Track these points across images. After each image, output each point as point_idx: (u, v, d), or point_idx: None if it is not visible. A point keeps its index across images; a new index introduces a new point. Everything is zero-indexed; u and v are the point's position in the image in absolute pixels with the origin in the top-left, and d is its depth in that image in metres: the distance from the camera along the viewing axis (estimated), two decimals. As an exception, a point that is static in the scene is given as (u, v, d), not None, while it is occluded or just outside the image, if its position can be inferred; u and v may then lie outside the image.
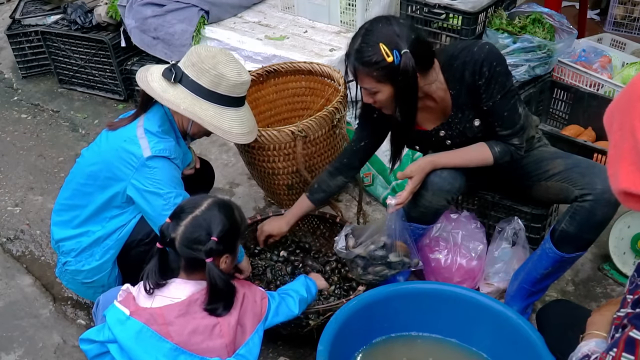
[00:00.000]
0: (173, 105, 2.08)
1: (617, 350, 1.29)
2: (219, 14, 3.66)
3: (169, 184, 2.06)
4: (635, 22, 4.17)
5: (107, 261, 2.19)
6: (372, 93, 1.99)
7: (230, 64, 2.13)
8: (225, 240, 1.76)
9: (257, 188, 3.06)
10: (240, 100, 2.20)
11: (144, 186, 2.05)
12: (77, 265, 2.21)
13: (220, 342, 1.74)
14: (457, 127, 2.12)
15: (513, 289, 2.28)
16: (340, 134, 2.63)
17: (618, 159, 1.15)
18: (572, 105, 3.15)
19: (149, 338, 1.67)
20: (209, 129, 2.12)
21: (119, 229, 2.17)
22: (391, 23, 1.91)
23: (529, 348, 1.81)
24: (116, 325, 1.69)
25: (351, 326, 1.93)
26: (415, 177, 2.09)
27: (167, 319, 1.70)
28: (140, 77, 2.15)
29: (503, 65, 2.01)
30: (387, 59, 1.87)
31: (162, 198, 2.04)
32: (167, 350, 1.67)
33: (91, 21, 3.84)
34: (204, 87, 2.09)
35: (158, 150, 2.05)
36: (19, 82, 4.24)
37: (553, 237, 2.08)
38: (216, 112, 2.12)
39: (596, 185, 1.97)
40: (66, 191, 2.26)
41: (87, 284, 2.25)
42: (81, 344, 1.78)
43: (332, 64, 3.03)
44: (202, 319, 1.72)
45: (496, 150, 2.08)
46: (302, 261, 2.48)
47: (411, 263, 2.19)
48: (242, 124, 2.20)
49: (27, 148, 3.56)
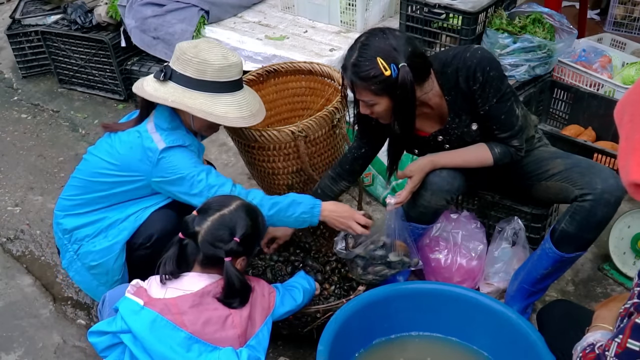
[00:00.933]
0: (162, 100, 2.10)
1: (622, 337, 1.29)
2: (219, 14, 3.66)
3: (187, 166, 2.08)
4: (635, 22, 4.17)
5: (118, 242, 2.18)
6: (369, 105, 1.99)
7: (213, 49, 2.13)
8: (245, 243, 1.82)
9: (257, 188, 3.06)
10: (235, 84, 2.19)
11: (166, 177, 2.08)
12: (90, 246, 2.21)
13: (232, 333, 1.76)
14: (454, 132, 2.13)
15: (513, 289, 2.28)
16: (340, 134, 2.63)
17: (630, 151, 1.14)
18: (572, 105, 3.15)
19: (163, 327, 1.69)
20: (199, 116, 2.11)
21: (138, 212, 2.18)
22: (387, 37, 1.91)
23: (529, 348, 1.81)
24: (130, 316, 1.71)
25: (351, 326, 1.93)
26: (415, 177, 2.09)
27: (181, 308, 1.72)
28: (137, 84, 2.20)
29: (497, 69, 2.00)
30: (385, 72, 1.87)
31: (185, 180, 2.07)
32: (182, 339, 1.69)
33: (91, 21, 3.84)
34: (191, 77, 2.10)
35: (171, 140, 2.09)
36: (19, 82, 4.24)
37: (553, 237, 2.08)
38: (207, 99, 2.12)
39: (596, 185, 1.97)
40: (75, 188, 2.24)
41: (93, 269, 2.23)
42: (90, 337, 1.79)
43: (332, 64, 3.03)
44: (215, 310, 1.75)
45: (496, 151, 2.08)
46: (302, 261, 2.48)
47: (411, 263, 2.19)
48: (240, 108, 2.19)
49: (27, 148, 3.56)
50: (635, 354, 1.26)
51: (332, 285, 2.36)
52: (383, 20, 3.49)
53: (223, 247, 1.78)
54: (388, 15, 3.52)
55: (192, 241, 1.81)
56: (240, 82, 2.22)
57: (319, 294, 2.34)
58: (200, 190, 2.08)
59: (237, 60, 2.19)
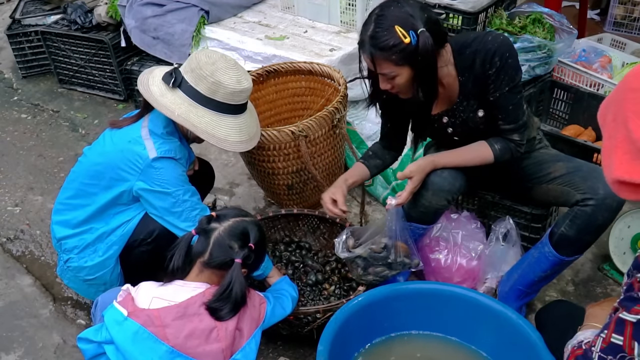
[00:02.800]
0: (168, 112, 2.08)
1: (607, 332, 1.31)
2: (219, 14, 3.65)
3: (175, 183, 2.07)
4: (635, 22, 4.17)
5: (110, 257, 2.18)
6: (390, 78, 1.95)
7: (229, 71, 2.11)
8: (255, 254, 1.86)
9: (257, 188, 3.06)
10: (240, 107, 2.20)
11: (151, 186, 2.06)
12: (80, 262, 2.21)
13: (216, 347, 1.73)
14: (460, 115, 2.11)
15: (505, 290, 2.27)
16: (340, 134, 2.63)
17: (612, 149, 1.17)
18: (572, 105, 3.15)
19: (145, 340, 1.67)
20: (202, 137, 2.11)
21: (123, 224, 2.17)
22: (402, 5, 1.88)
23: (529, 348, 1.81)
24: (114, 326, 1.70)
25: (351, 326, 1.93)
26: (415, 177, 2.09)
27: (164, 321, 1.70)
28: (142, 79, 2.16)
29: (515, 58, 1.99)
30: (405, 40, 1.84)
31: (171, 196, 2.06)
32: (163, 353, 1.67)
33: (91, 21, 3.84)
34: (201, 93, 2.09)
35: (163, 151, 2.06)
36: (19, 82, 4.24)
37: (552, 240, 2.07)
38: (212, 119, 2.11)
39: (598, 190, 1.95)
40: (68, 190, 2.25)
41: (89, 281, 2.24)
42: (79, 343, 1.78)
43: (332, 64, 3.03)
44: (199, 323, 1.72)
45: (496, 147, 2.08)
46: (302, 261, 2.49)
47: (411, 264, 2.19)
48: (240, 132, 2.19)
49: (27, 148, 3.56)
50: (619, 348, 1.28)
51: (332, 285, 2.36)
52: (383, 20, 3.49)
53: (236, 249, 1.80)
54: (388, 15, 3.52)
55: (203, 238, 1.82)
56: (245, 106, 2.23)
57: (319, 293, 2.35)
58: (182, 210, 2.08)
59: (249, 86, 2.19)
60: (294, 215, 2.61)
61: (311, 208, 2.73)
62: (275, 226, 2.63)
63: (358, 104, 3.15)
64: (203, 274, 1.82)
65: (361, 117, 3.06)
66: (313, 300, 2.32)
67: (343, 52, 3.20)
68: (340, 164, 2.83)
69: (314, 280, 2.37)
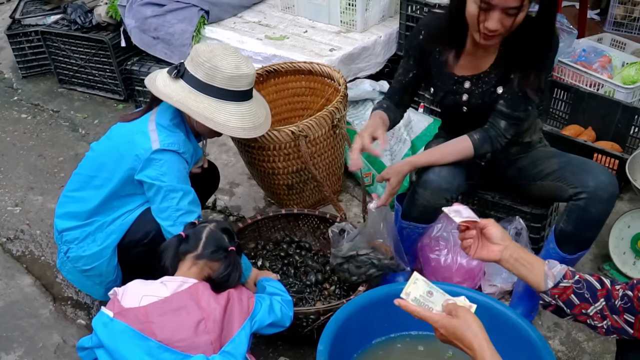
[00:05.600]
0: (166, 98, 2.10)
1: None
2: (219, 14, 3.66)
3: (172, 178, 2.06)
4: (635, 22, 4.17)
5: (107, 247, 2.18)
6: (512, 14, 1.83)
7: (228, 57, 2.12)
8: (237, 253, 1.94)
9: (257, 188, 3.06)
10: (243, 94, 2.19)
11: (150, 178, 2.06)
12: (79, 251, 2.20)
13: (205, 339, 1.73)
14: (481, 86, 2.09)
15: (520, 290, 2.27)
16: (340, 134, 2.63)
17: None
18: (572, 105, 3.15)
19: (132, 337, 1.67)
20: (199, 120, 2.11)
21: (124, 214, 2.17)
22: None
23: (529, 348, 1.81)
24: (101, 329, 1.70)
25: (351, 326, 1.92)
26: (393, 179, 2.09)
27: (151, 317, 1.70)
28: (150, 75, 2.21)
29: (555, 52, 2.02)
30: None
31: (161, 192, 2.06)
32: (152, 349, 1.67)
33: (91, 21, 3.84)
34: (200, 80, 2.10)
35: (167, 143, 2.07)
36: (19, 82, 4.24)
37: (555, 238, 2.09)
38: (211, 104, 2.11)
39: (588, 182, 1.97)
40: (74, 183, 2.26)
41: (86, 272, 2.23)
42: (79, 353, 1.80)
43: (332, 64, 3.03)
44: (186, 316, 1.73)
45: (475, 137, 2.07)
46: (302, 261, 2.49)
47: (396, 267, 2.20)
48: (242, 118, 2.19)
49: (27, 148, 3.56)
50: None
51: (332, 285, 2.36)
52: (383, 20, 3.49)
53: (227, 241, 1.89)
54: (388, 15, 3.52)
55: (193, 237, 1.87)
56: (249, 93, 2.22)
57: (319, 293, 2.35)
58: (167, 206, 2.07)
59: (249, 72, 2.18)
60: (294, 215, 2.61)
61: (311, 208, 2.74)
62: (275, 226, 2.63)
63: (358, 104, 3.15)
64: (194, 268, 1.84)
65: (361, 117, 3.06)
66: (313, 300, 2.32)
67: (343, 52, 3.20)
68: (340, 164, 2.83)
69: (314, 280, 2.37)
